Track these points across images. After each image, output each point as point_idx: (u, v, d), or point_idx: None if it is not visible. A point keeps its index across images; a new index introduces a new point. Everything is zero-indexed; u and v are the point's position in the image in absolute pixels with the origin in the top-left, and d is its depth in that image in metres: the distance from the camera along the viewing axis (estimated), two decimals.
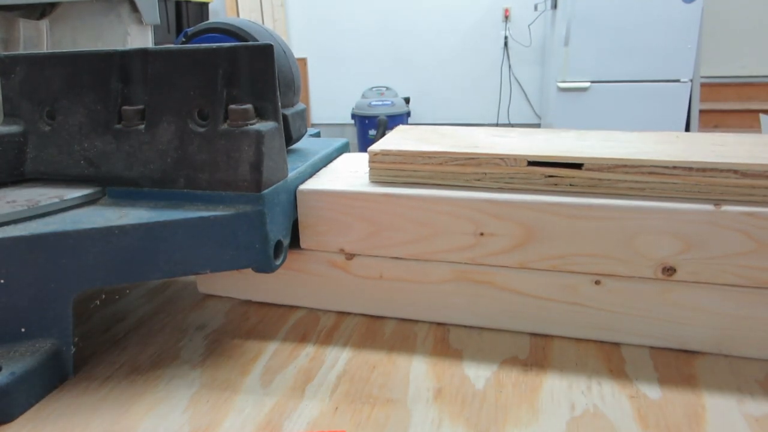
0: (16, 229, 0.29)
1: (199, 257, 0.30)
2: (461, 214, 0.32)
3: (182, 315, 0.37)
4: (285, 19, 3.40)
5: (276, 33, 0.41)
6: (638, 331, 0.32)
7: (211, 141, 0.31)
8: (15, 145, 0.35)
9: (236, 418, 0.27)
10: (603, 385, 0.29)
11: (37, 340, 0.29)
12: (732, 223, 0.29)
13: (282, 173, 0.33)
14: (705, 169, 0.29)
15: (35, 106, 0.35)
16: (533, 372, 0.30)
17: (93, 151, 0.34)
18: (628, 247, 0.30)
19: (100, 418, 0.27)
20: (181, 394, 0.29)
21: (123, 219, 0.30)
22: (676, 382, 0.29)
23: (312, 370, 0.31)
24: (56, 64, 0.34)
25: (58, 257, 0.29)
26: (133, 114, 0.33)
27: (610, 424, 0.26)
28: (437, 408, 0.28)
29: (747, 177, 0.29)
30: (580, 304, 0.32)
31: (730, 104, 2.95)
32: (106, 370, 0.31)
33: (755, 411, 0.27)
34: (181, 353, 0.33)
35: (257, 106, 0.32)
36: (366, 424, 0.27)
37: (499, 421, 0.27)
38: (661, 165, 0.30)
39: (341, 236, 0.35)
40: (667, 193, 0.30)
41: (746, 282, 0.29)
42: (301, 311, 0.37)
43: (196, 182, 0.32)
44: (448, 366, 0.31)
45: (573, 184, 0.31)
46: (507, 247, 0.32)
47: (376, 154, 0.34)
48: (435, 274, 0.34)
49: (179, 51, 0.32)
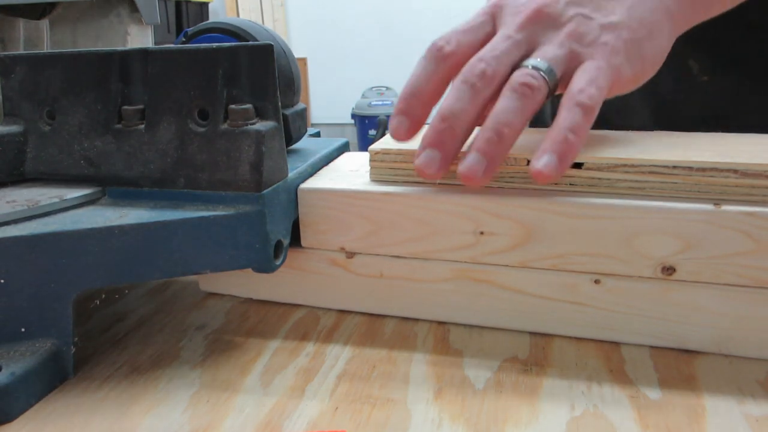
0: (16, 229, 0.29)
1: (198, 257, 0.31)
2: (461, 212, 0.32)
3: (182, 315, 0.37)
4: (285, 19, 3.40)
5: (276, 33, 0.41)
6: (638, 330, 0.32)
7: (211, 141, 0.31)
8: (15, 145, 0.35)
9: (236, 418, 0.27)
10: (603, 385, 0.29)
11: (37, 340, 0.29)
12: (732, 222, 0.29)
13: (282, 173, 0.33)
14: (705, 168, 0.29)
15: (35, 106, 0.35)
16: (533, 372, 0.30)
17: (93, 151, 0.34)
18: (628, 247, 0.30)
19: (100, 418, 0.27)
20: (181, 394, 0.29)
21: (123, 219, 0.30)
22: (676, 382, 0.29)
23: (312, 370, 0.31)
24: (56, 64, 0.34)
25: (58, 257, 0.29)
26: (133, 114, 0.33)
27: (610, 424, 0.26)
28: (437, 408, 0.28)
29: (747, 177, 0.29)
30: (580, 304, 0.32)
31: None
32: (106, 370, 0.31)
33: (756, 411, 0.27)
34: (181, 353, 0.33)
35: (257, 106, 0.32)
36: (366, 424, 0.27)
37: (499, 421, 0.27)
38: (662, 164, 0.30)
39: (342, 235, 0.35)
40: (667, 192, 0.30)
41: (746, 282, 0.29)
42: (301, 311, 0.37)
43: (196, 182, 0.32)
44: (448, 366, 0.31)
45: (573, 183, 0.31)
46: (507, 246, 0.32)
47: (377, 153, 0.34)
48: (435, 273, 0.34)
49: (179, 51, 0.32)
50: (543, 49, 0.32)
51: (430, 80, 0.33)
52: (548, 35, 0.33)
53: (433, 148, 0.31)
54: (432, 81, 0.33)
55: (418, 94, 0.33)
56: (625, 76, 0.33)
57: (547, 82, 0.31)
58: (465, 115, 0.31)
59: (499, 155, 0.30)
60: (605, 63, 0.32)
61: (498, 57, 0.32)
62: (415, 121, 0.32)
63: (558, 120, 0.30)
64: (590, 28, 0.32)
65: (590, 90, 0.30)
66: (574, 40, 0.32)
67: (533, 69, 0.31)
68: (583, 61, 0.32)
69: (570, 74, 0.32)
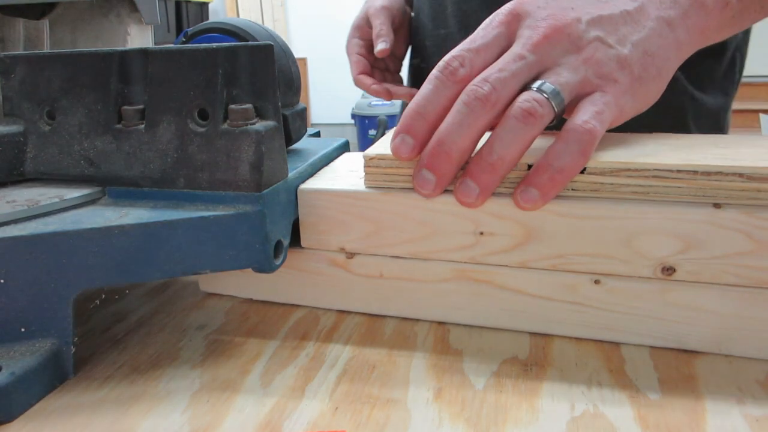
0: (16, 229, 0.29)
1: (198, 257, 0.31)
2: (461, 213, 0.32)
3: (182, 315, 0.37)
4: (285, 19, 3.40)
5: (276, 33, 0.41)
6: (638, 330, 0.32)
7: (211, 141, 0.31)
8: (15, 145, 0.35)
9: (236, 418, 0.27)
10: (603, 385, 0.29)
11: (37, 340, 0.29)
12: (732, 223, 0.29)
13: (282, 173, 0.33)
14: (710, 172, 0.29)
15: (35, 106, 0.35)
16: (533, 372, 0.30)
17: (93, 151, 0.34)
18: (628, 247, 0.30)
19: (100, 418, 0.28)
20: (181, 394, 0.29)
21: (123, 219, 0.30)
22: (676, 382, 0.29)
23: (312, 370, 0.31)
24: (56, 64, 0.34)
25: (58, 257, 0.29)
26: (133, 114, 0.33)
27: (610, 424, 0.26)
28: (437, 408, 0.28)
29: (753, 180, 0.29)
30: (580, 304, 0.32)
31: None
32: (106, 370, 0.31)
33: (756, 411, 0.27)
34: (181, 353, 0.33)
35: (257, 106, 0.32)
36: (366, 424, 0.27)
37: (499, 421, 0.27)
38: (665, 169, 0.30)
39: (342, 235, 0.35)
40: (670, 197, 0.30)
41: (746, 282, 0.29)
42: (301, 311, 0.37)
43: (196, 182, 0.32)
44: (448, 366, 0.31)
45: (575, 188, 0.31)
46: (507, 247, 0.32)
47: (371, 159, 0.34)
48: (435, 273, 0.34)
49: (179, 51, 0.32)
50: (557, 71, 0.31)
51: (439, 102, 0.31)
52: (565, 57, 0.31)
53: (429, 171, 0.31)
54: (441, 103, 0.31)
55: (426, 115, 0.32)
56: (625, 115, 0.32)
57: (553, 108, 0.30)
58: (463, 141, 0.30)
59: (492, 184, 0.31)
60: (614, 100, 0.31)
61: (505, 81, 0.30)
62: (419, 141, 0.32)
63: (553, 151, 0.30)
64: (607, 58, 0.32)
65: (593, 123, 0.30)
66: (590, 68, 0.31)
67: (540, 93, 0.30)
68: (593, 92, 0.31)
69: (577, 101, 0.31)
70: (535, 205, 0.30)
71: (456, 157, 0.31)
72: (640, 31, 0.33)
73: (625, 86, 0.32)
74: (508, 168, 0.31)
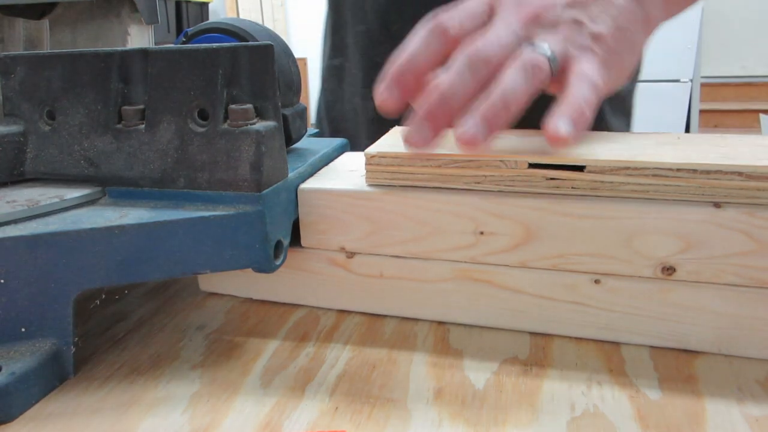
0: (16, 229, 0.29)
1: (198, 257, 0.31)
2: (461, 212, 0.32)
3: (182, 315, 0.37)
4: (285, 19, 3.40)
5: (276, 33, 0.41)
6: (638, 330, 0.32)
7: (211, 141, 0.31)
8: (15, 145, 0.35)
9: (236, 418, 0.27)
10: (603, 385, 0.29)
11: (37, 340, 0.29)
12: (732, 222, 0.29)
13: (282, 173, 0.33)
14: (709, 171, 0.29)
15: (35, 106, 0.35)
16: (533, 372, 0.30)
17: (93, 151, 0.34)
18: (628, 247, 0.30)
19: (100, 418, 0.28)
20: (181, 394, 0.29)
21: (123, 219, 0.30)
22: (676, 382, 0.29)
23: (312, 370, 0.31)
24: (56, 64, 0.34)
25: (58, 257, 0.29)
26: (133, 114, 0.33)
27: (610, 424, 0.26)
28: (437, 408, 0.28)
29: (752, 179, 0.29)
30: (580, 303, 0.32)
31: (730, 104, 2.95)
32: (106, 370, 0.31)
33: (756, 411, 0.27)
34: (181, 353, 0.33)
35: (257, 106, 0.32)
36: (366, 424, 0.27)
37: (499, 422, 0.27)
38: (665, 167, 0.30)
39: (342, 235, 0.35)
40: (669, 195, 0.30)
41: (746, 282, 0.29)
42: (301, 311, 0.37)
43: (196, 182, 0.32)
44: (448, 366, 0.31)
45: (575, 186, 0.31)
46: (507, 246, 0.32)
47: (373, 157, 0.34)
48: (435, 273, 0.34)
49: (179, 51, 0.32)
50: (544, 39, 0.33)
51: (429, 54, 0.32)
52: (545, 35, 0.33)
53: (426, 122, 0.31)
54: (431, 56, 0.32)
55: (416, 64, 0.32)
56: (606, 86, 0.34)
57: (550, 67, 0.32)
58: (463, 96, 0.31)
59: (500, 124, 0.31)
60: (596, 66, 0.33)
61: (504, 46, 0.32)
62: (405, 93, 0.32)
63: (572, 91, 0.31)
64: (584, 36, 0.33)
65: (596, 75, 0.32)
66: (570, 43, 0.33)
67: (539, 52, 0.31)
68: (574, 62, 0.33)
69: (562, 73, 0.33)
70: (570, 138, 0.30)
71: (454, 111, 0.31)
72: (611, 9, 0.34)
73: (602, 57, 0.33)
74: (515, 112, 0.31)
